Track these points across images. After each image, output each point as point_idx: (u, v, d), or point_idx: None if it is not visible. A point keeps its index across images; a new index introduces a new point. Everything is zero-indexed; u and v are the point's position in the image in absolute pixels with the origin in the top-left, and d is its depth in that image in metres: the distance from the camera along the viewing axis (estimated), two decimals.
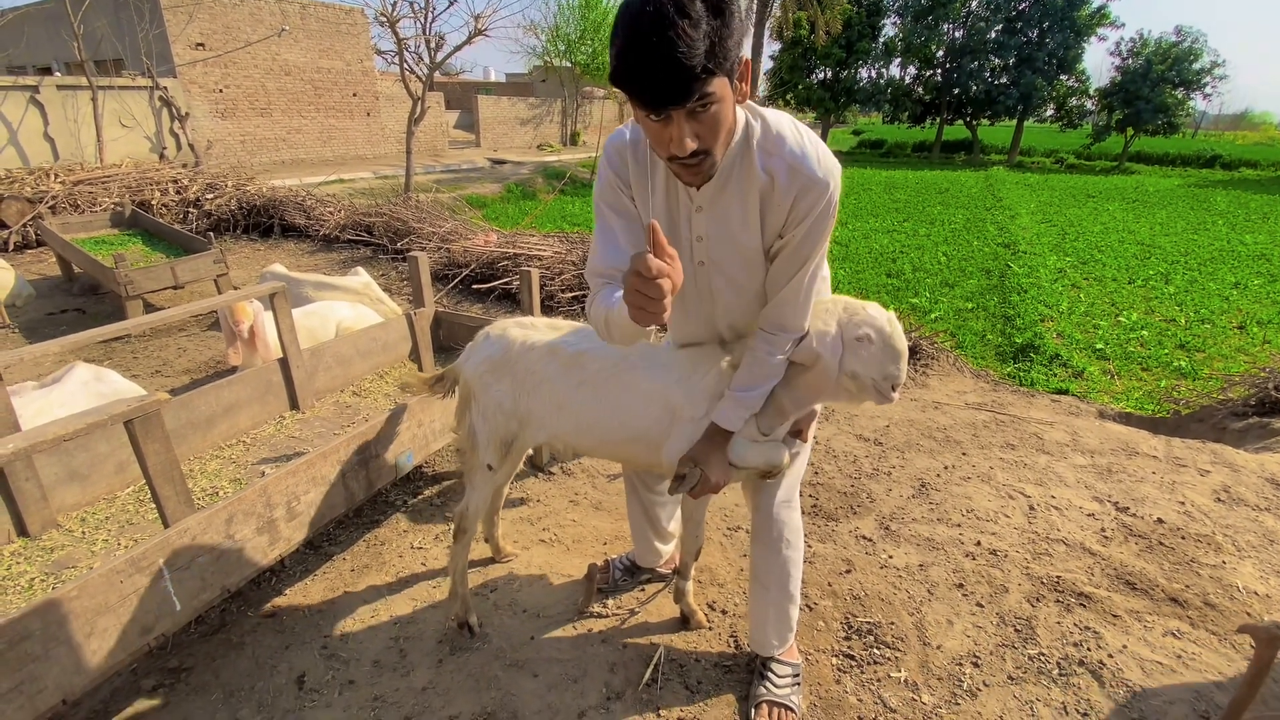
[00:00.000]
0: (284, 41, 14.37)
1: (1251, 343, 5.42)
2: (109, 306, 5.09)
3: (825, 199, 1.18)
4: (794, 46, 24.42)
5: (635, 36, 0.96)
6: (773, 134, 1.17)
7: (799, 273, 1.26)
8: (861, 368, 1.30)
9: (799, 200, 1.18)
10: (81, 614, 1.33)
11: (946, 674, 1.80)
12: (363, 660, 1.82)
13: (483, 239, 6.04)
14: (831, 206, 1.20)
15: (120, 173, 7.71)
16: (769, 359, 1.35)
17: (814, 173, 1.16)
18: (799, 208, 1.19)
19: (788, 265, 1.26)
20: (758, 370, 1.37)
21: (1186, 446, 3.11)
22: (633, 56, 0.97)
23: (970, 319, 5.76)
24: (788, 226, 1.22)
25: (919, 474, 2.83)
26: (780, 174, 1.17)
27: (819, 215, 1.19)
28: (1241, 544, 2.36)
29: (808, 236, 1.22)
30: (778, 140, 1.17)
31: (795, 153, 1.16)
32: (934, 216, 11.14)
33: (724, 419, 1.40)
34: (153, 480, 1.54)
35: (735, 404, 1.39)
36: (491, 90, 27.35)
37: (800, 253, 1.24)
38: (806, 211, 1.19)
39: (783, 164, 1.16)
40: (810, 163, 1.16)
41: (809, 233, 1.21)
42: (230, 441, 2.48)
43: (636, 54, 0.97)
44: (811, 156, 1.16)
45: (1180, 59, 22.77)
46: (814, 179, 1.16)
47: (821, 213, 1.19)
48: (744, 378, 1.38)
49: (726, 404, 1.40)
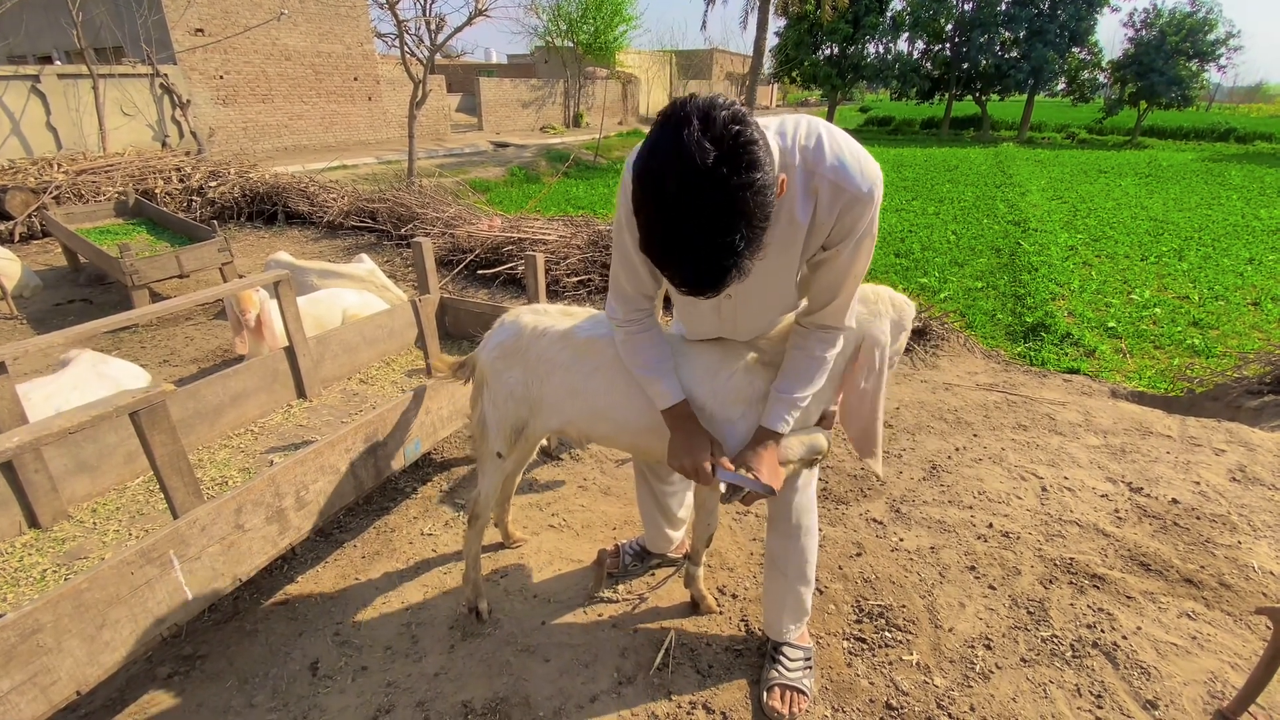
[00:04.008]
0: (283, 26, 14.22)
1: (1266, 319, 5.34)
2: (116, 296, 5.10)
3: (869, 212, 1.12)
4: (800, 22, 23.93)
5: (669, 248, 0.94)
6: (810, 149, 1.09)
7: (846, 284, 1.22)
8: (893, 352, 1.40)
9: (843, 216, 1.12)
10: (93, 606, 1.34)
11: (959, 656, 1.79)
12: (375, 646, 1.83)
13: (487, 224, 6.00)
14: (875, 217, 1.14)
15: (123, 162, 7.68)
16: (820, 356, 1.32)
17: (858, 187, 1.09)
18: (843, 223, 1.13)
19: (834, 277, 1.21)
20: (807, 369, 1.33)
21: (1201, 425, 3.07)
22: (672, 263, 0.96)
23: (980, 298, 5.68)
24: (831, 241, 1.16)
25: (930, 456, 2.81)
26: (824, 192, 1.10)
27: (864, 229, 1.14)
28: (1257, 524, 2.34)
29: (855, 250, 1.16)
30: (817, 155, 1.09)
31: (835, 165, 1.08)
32: (943, 194, 10.99)
33: (774, 422, 1.35)
34: (160, 471, 1.54)
35: (785, 405, 1.34)
36: (493, 72, 27.10)
37: (848, 267, 1.19)
38: (852, 226, 1.13)
39: (825, 182, 1.09)
40: (853, 175, 1.09)
41: (856, 246, 1.16)
42: (239, 431, 2.48)
43: (675, 263, 0.96)
44: (853, 168, 1.09)
45: (1194, 30, 22.20)
46: (858, 194, 1.09)
47: (867, 226, 1.14)
48: (792, 377, 1.34)
49: (775, 406, 1.35)
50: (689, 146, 0.87)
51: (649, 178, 0.92)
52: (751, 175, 0.88)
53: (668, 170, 0.90)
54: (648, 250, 0.97)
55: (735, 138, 0.88)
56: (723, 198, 0.89)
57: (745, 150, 0.88)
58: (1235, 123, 27.67)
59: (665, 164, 0.90)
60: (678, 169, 0.89)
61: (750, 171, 0.88)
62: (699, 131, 0.87)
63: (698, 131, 0.87)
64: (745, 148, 0.88)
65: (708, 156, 0.87)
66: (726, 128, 0.88)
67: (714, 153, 0.87)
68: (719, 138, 0.88)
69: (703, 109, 0.89)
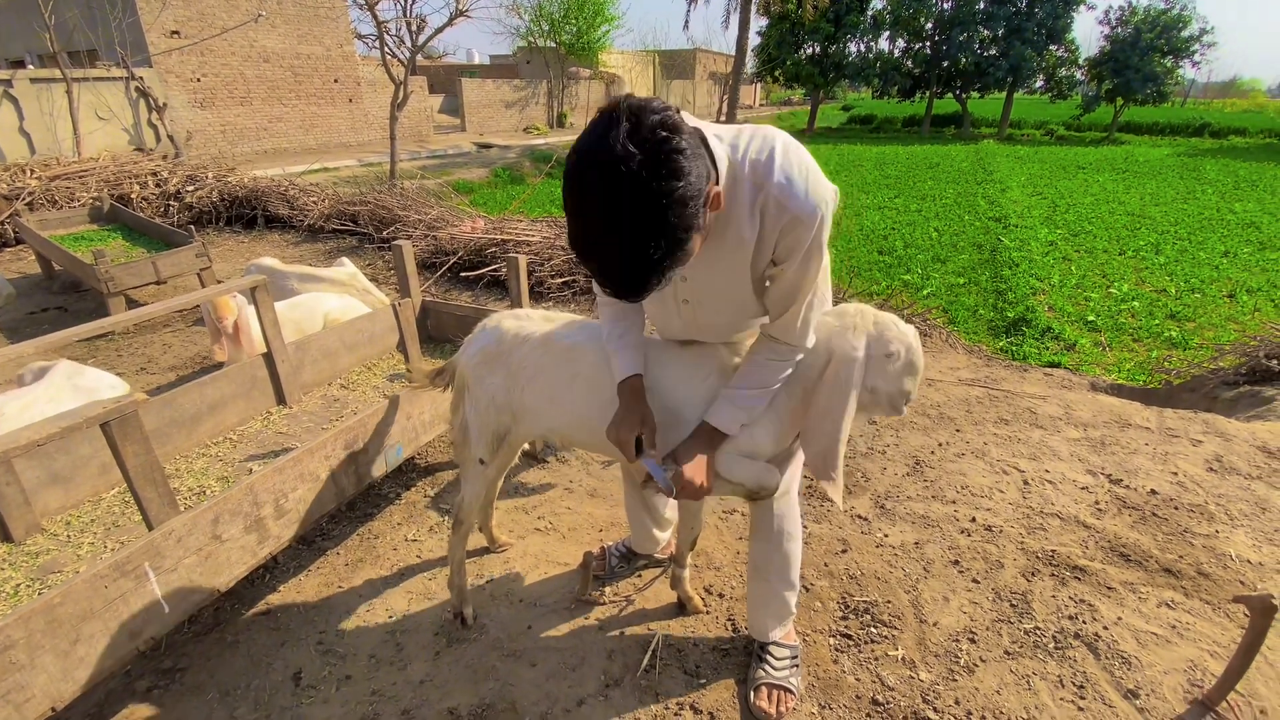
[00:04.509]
0: (261, 28, 14.06)
1: (1241, 311, 5.44)
2: (91, 303, 5.01)
3: (813, 231, 1.09)
4: (782, 22, 24.05)
5: (588, 247, 0.94)
6: (761, 163, 1.07)
7: (794, 305, 1.21)
8: (883, 383, 1.30)
9: (785, 234, 1.10)
10: (66, 621, 1.31)
11: (943, 650, 1.80)
12: (359, 655, 1.81)
13: (470, 225, 5.97)
14: (823, 236, 1.11)
15: (98, 167, 7.55)
16: (767, 362, 1.31)
17: (801, 207, 1.07)
18: (786, 241, 1.11)
19: (785, 291, 1.20)
20: (759, 374, 1.31)
21: (1178, 417, 3.12)
22: (591, 264, 0.96)
23: (962, 294, 5.74)
24: (778, 257, 1.15)
25: (913, 452, 2.83)
26: (769, 208, 1.08)
27: (809, 248, 1.12)
28: (1234, 513, 2.37)
29: (803, 267, 1.15)
30: (766, 170, 1.07)
31: (781, 183, 1.06)
32: (925, 192, 11.09)
33: (719, 419, 1.33)
34: (133, 483, 1.51)
35: (732, 405, 1.33)
36: (475, 73, 26.94)
37: (797, 282, 1.18)
38: (794, 245, 1.11)
39: (771, 199, 1.07)
40: (798, 195, 1.06)
41: (801, 265, 1.15)
42: (217, 439, 2.44)
43: (594, 264, 0.96)
44: (799, 186, 1.06)
45: (1169, 26, 22.59)
46: (801, 214, 1.07)
47: (812, 244, 1.11)
48: (744, 378, 1.32)
49: (723, 404, 1.33)
50: (612, 147, 0.86)
51: (572, 174, 0.91)
52: (672, 184, 0.87)
53: (588, 169, 0.89)
54: (571, 246, 0.97)
55: (660, 144, 0.86)
56: (639, 202, 0.87)
57: (668, 158, 0.86)
58: (1210, 118, 28.19)
59: (587, 162, 0.89)
60: (598, 169, 0.88)
61: (670, 180, 0.86)
62: (625, 134, 0.86)
63: (624, 134, 0.86)
64: (669, 155, 0.86)
65: (630, 160, 0.85)
66: (654, 133, 0.86)
67: (636, 156, 0.85)
68: (643, 141, 0.86)
69: (634, 111, 0.88)
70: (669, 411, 1.41)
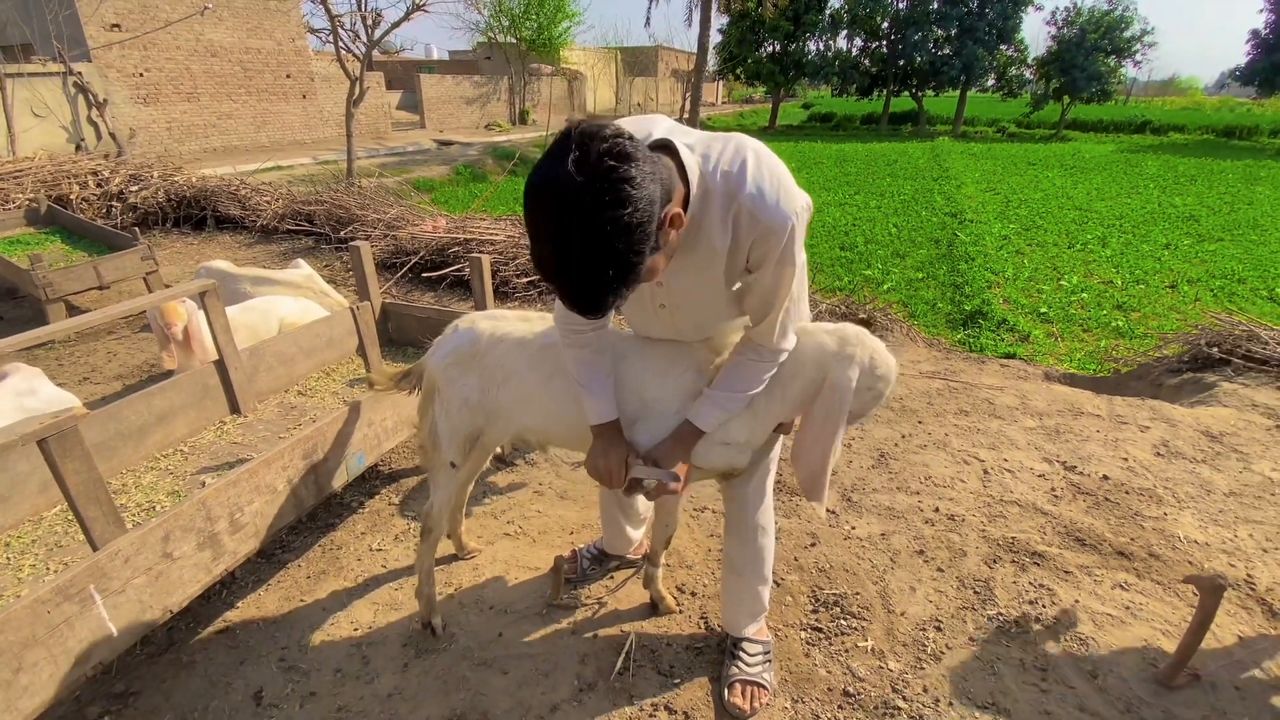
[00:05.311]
0: (208, 21, 13.54)
1: (1183, 301, 5.69)
2: (29, 311, 4.76)
3: (783, 243, 1.10)
4: (742, 19, 24.25)
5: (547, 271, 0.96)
6: (733, 175, 1.08)
7: (771, 313, 1.23)
8: (858, 407, 1.36)
9: (757, 245, 1.11)
10: (6, 649, 1.23)
11: (911, 640, 1.84)
12: (324, 670, 1.75)
13: (431, 224, 5.85)
14: (795, 246, 1.13)
15: (33, 166, 7.15)
16: (757, 368, 1.33)
17: (772, 218, 1.08)
18: (758, 251, 1.13)
19: (761, 298, 1.22)
20: (741, 378, 1.34)
21: (1127, 404, 3.24)
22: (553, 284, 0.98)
23: (921, 288, 5.87)
24: (752, 265, 1.16)
25: (878, 444, 2.88)
26: (742, 218, 1.09)
27: (781, 256, 1.13)
28: (1181, 495, 2.48)
29: (777, 274, 1.16)
30: (738, 181, 1.08)
31: (753, 194, 1.07)
32: (884, 189, 11.30)
33: (701, 419, 1.36)
34: (75, 502, 1.43)
35: (714, 405, 1.35)
36: (434, 69, 26.49)
37: (773, 289, 1.19)
38: (766, 254, 1.12)
39: (743, 209, 1.08)
40: (769, 206, 1.07)
41: (775, 274, 1.16)
42: (167, 451, 2.34)
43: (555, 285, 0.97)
44: (770, 197, 1.07)
45: (1112, 27, 23.48)
46: (772, 225, 1.08)
47: (784, 253, 1.12)
48: (727, 382, 1.35)
49: (705, 405, 1.36)
50: (561, 175, 0.88)
51: (526, 201, 0.94)
52: (617, 211, 0.89)
53: (542, 197, 0.92)
54: (534, 264, 1.00)
55: (607, 173, 0.88)
56: (586, 230, 0.89)
57: (614, 186, 0.88)
58: (1151, 115, 29.36)
59: (540, 187, 0.92)
60: (549, 198, 0.91)
61: (616, 208, 0.88)
62: (573, 162, 0.88)
63: (573, 162, 0.88)
64: (615, 184, 0.88)
65: (575, 188, 0.88)
66: (600, 161, 0.88)
67: (582, 185, 0.88)
68: (590, 170, 0.88)
69: (584, 139, 0.89)
70: (644, 405, 1.43)
